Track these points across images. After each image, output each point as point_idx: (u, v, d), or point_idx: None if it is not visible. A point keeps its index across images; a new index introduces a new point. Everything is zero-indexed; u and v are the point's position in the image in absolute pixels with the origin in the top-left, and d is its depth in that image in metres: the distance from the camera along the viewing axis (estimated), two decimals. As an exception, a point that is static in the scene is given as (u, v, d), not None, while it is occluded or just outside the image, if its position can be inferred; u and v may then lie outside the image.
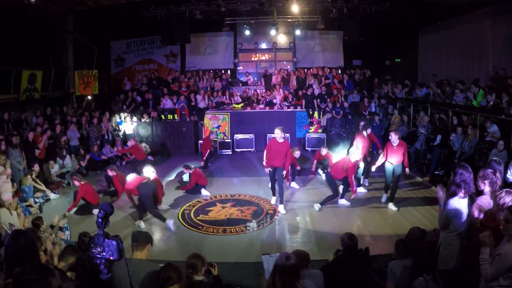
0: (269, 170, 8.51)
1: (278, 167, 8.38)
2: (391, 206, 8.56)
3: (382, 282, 4.33)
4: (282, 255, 3.14)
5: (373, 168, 9.08)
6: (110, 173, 9.34)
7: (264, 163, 8.52)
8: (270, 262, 3.49)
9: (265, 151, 8.52)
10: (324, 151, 10.26)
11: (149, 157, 10.80)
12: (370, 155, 10.04)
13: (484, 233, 3.39)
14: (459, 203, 4.12)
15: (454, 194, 4.15)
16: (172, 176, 11.34)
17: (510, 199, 3.70)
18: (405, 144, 8.62)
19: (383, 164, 8.70)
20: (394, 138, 8.41)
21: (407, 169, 8.79)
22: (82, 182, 8.73)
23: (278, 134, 8.22)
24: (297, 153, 10.20)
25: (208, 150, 12.35)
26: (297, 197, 9.45)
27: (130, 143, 11.27)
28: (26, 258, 3.22)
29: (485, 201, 4.18)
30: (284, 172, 8.45)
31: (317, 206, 8.55)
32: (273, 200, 8.97)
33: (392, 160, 8.49)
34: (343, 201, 8.79)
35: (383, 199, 8.93)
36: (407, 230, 5.48)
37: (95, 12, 15.22)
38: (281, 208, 8.48)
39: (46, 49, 14.93)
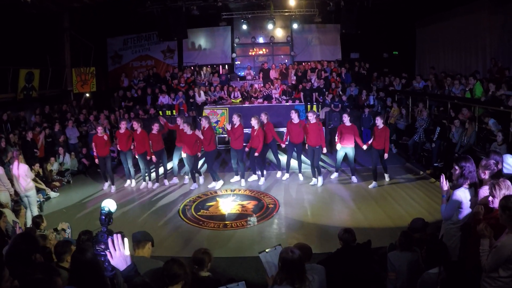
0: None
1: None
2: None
3: (383, 273, 4.34)
4: (286, 250, 3.09)
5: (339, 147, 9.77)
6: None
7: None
8: (269, 257, 3.36)
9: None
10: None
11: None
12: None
13: (481, 225, 3.40)
14: (465, 193, 4.12)
15: (459, 185, 4.14)
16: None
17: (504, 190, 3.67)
18: (355, 126, 9.64)
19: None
20: (346, 119, 9.45)
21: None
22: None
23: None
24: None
25: None
26: (297, 191, 9.47)
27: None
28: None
29: (486, 192, 4.18)
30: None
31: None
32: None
33: (343, 142, 9.49)
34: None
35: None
36: (407, 222, 5.51)
37: (91, 9, 15.15)
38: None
39: (43, 47, 14.83)
